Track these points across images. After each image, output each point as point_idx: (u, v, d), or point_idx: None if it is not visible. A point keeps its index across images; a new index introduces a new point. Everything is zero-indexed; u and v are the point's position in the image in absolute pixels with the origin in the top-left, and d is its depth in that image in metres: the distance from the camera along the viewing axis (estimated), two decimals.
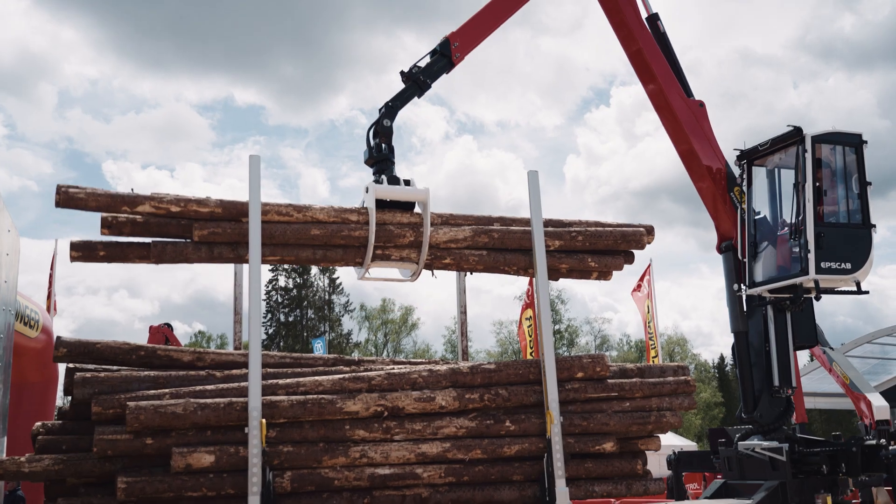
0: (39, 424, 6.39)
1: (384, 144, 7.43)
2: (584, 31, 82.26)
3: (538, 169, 7.33)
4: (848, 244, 9.08)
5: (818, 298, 9.21)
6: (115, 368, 6.49)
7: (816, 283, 8.95)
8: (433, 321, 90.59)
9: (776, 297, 9.42)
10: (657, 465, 9.72)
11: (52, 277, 17.82)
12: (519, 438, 6.65)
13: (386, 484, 6.31)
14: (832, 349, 15.58)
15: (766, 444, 8.99)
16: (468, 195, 75.26)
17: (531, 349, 20.53)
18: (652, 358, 21.52)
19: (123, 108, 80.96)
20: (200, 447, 5.86)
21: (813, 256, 8.85)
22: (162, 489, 5.77)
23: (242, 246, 6.45)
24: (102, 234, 6.32)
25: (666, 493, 10.08)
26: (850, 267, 9.04)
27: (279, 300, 59.49)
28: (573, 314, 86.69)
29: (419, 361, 7.46)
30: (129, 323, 69.92)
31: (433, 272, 7.26)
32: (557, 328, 58.07)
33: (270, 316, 58.60)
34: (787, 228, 9.43)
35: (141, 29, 75.53)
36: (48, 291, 17.50)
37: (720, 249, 9.99)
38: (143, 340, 13.75)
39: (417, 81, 7.90)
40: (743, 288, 9.58)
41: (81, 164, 79.41)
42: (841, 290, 9.35)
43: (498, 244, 7.21)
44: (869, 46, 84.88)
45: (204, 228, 6.38)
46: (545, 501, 6.54)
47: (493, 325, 60.75)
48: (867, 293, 9.25)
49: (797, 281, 9.03)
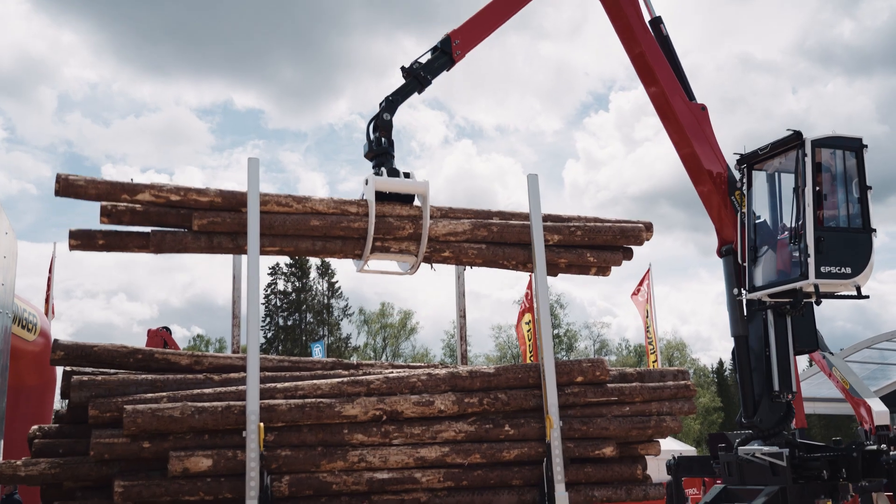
0: (36, 428, 6.36)
1: (384, 138, 7.42)
2: (583, 35, 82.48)
3: (537, 173, 7.33)
4: (848, 248, 9.06)
5: (818, 303, 9.19)
6: (112, 372, 6.46)
7: (816, 287, 8.92)
8: (432, 325, 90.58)
9: (776, 301, 9.39)
10: (656, 470, 9.68)
11: (50, 280, 17.80)
12: (518, 443, 6.62)
13: (384, 488, 6.28)
14: (832, 354, 15.60)
15: (766, 449, 8.96)
16: (467, 199, 75.35)
17: (530, 353, 20.50)
18: (651, 363, 21.49)
19: (123, 111, 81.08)
20: (198, 451, 5.83)
21: (813, 261, 8.82)
22: (159, 493, 5.74)
23: (242, 236, 6.41)
24: (102, 222, 6.25)
25: (666, 498, 10.05)
26: (850, 271, 9.01)
27: (278, 304, 59.45)
28: (572, 318, 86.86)
29: (418, 365, 7.43)
30: (127, 326, 69.85)
31: (432, 265, 7.24)
32: (556, 332, 58.00)
33: (269, 320, 58.55)
34: (787, 233, 9.41)
35: (141, 33, 75.70)
36: (46, 295, 17.47)
37: (720, 253, 9.97)
38: (141, 344, 13.72)
39: (418, 77, 7.88)
40: (743, 292, 9.56)
41: (81, 167, 79.31)
42: (841, 294, 9.32)
43: (497, 238, 7.20)
44: (868, 52, 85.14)
45: (203, 218, 6.35)
46: None
47: (492, 329, 60.84)
48: (867, 298, 9.22)
49: (797, 285, 9.00)
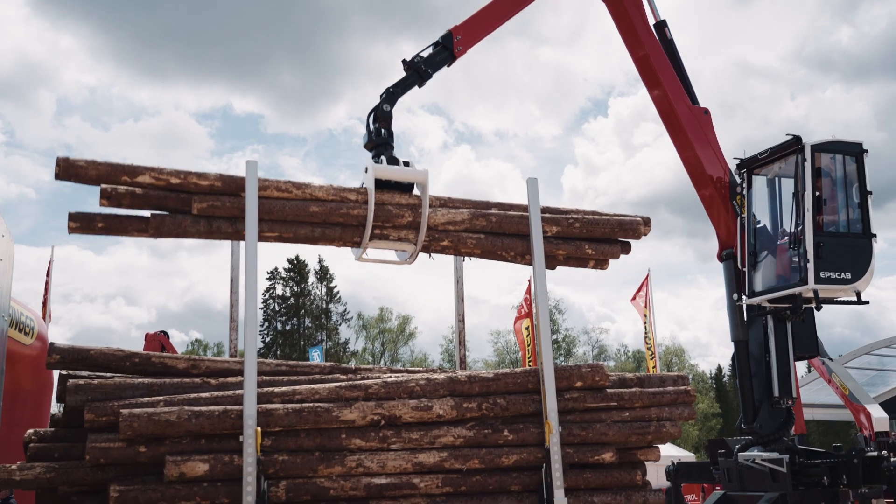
0: (31, 432, 6.32)
1: (383, 129, 7.45)
2: (582, 41, 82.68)
3: (537, 178, 7.31)
4: (848, 254, 9.05)
5: (819, 308, 9.17)
6: (108, 375, 6.41)
7: (815, 293, 8.91)
8: (430, 330, 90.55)
9: (776, 306, 9.37)
10: (655, 475, 9.63)
11: (48, 284, 17.76)
12: (517, 448, 6.58)
13: (382, 494, 6.24)
14: (831, 360, 15.56)
15: (766, 455, 8.94)
16: None
17: (529, 358, 20.49)
18: (651, 368, 21.44)
19: (122, 115, 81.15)
20: (194, 455, 5.78)
21: (812, 266, 8.81)
22: (155, 498, 5.69)
23: (241, 221, 6.38)
24: (101, 205, 6.21)
25: None
26: (849, 277, 9.00)
27: (276, 308, 59.41)
28: (571, 324, 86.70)
29: (417, 370, 7.40)
30: (125, 331, 69.79)
31: (431, 254, 7.24)
32: (555, 338, 57.95)
33: (267, 324, 58.51)
34: (786, 238, 9.40)
35: (140, 37, 75.84)
36: (44, 298, 17.44)
37: (721, 258, 9.96)
38: (139, 348, 13.66)
39: (419, 70, 7.92)
40: (743, 297, 9.54)
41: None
42: (841, 300, 9.31)
43: (496, 228, 7.18)
44: (866, 59, 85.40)
45: (203, 201, 6.33)
46: None
47: (490, 334, 60.67)
48: (867, 303, 9.21)
49: (796, 291, 8.99)
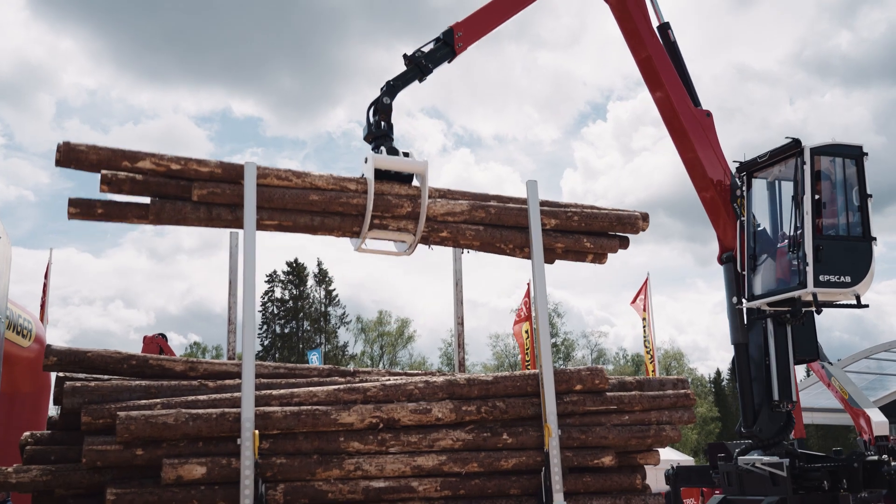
0: (28, 434, 6.29)
1: (383, 122, 7.49)
2: (581, 45, 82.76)
3: (536, 180, 7.30)
4: (847, 257, 9.03)
5: (819, 312, 9.14)
6: (105, 378, 6.39)
7: (815, 296, 8.89)
8: (429, 334, 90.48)
9: (775, 310, 9.35)
10: (654, 479, 9.60)
11: (46, 287, 17.72)
12: (516, 452, 6.56)
13: (381, 497, 6.21)
14: (831, 364, 15.56)
15: (766, 459, 8.91)
16: None
17: (528, 361, 20.46)
18: (650, 372, 21.42)
19: (121, 118, 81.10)
20: (192, 458, 5.75)
21: (811, 269, 8.79)
22: (152, 501, 5.66)
23: (241, 208, 6.38)
24: (101, 190, 6.21)
25: None
26: (849, 280, 8.98)
27: (275, 311, 59.34)
28: (569, 328, 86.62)
29: (415, 373, 7.37)
30: (124, 333, 69.66)
31: (430, 245, 7.25)
32: (554, 342, 57.89)
33: (266, 327, 58.44)
34: (786, 241, 9.38)
35: (139, 40, 75.84)
36: (41, 301, 17.40)
37: (721, 260, 9.94)
38: (137, 351, 13.61)
39: (419, 65, 7.97)
40: (743, 301, 9.51)
41: (78, 174, 78.85)
42: (840, 303, 9.28)
43: (495, 220, 7.19)
44: (865, 63, 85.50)
45: (203, 188, 6.33)
46: None
47: (489, 338, 60.60)
48: (867, 307, 9.18)
49: (795, 294, 8.96)
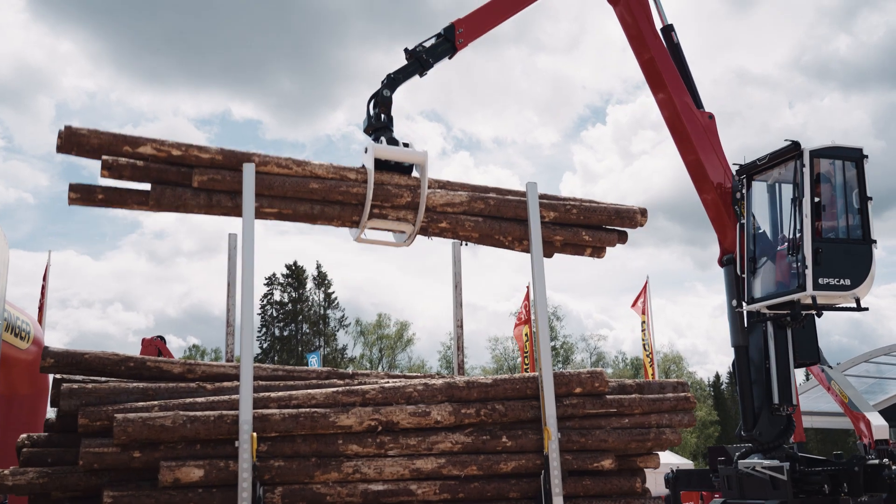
0: (24, 436, 6.26)
1: (383, 114, 7.52)
2: (580, 48, 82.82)
3: (535, 183, 7.28)
4: (847, 260, 9.00)
5: (819, 315, 9.12)
6: (103, 380, 6.36)
7: (814, 299, 8.86)
8: (428, 337, 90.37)
9: (775, 313, 9.33)
10: (654, 483, 9.58)
11: (44, 289, 17.69)
12: (516, 455, 6.53)
13: (379, 500, 6.18)
14: (830, 368, 15.52)
15: (766, 462, 8.88)
16: None
17: (527, 363, 20.44)
18: (650, 375, 21.40)
19: (121, 121, 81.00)
20: (189, 461, 5.73)
21: (810, 272, 8.77)
22: None
23: (241, 196, 6.39)
24: (102, 176, 6.20)
25: None
26: (849, 283, 8.95)
27: (274, 314, 59.30)
28: (569, 331, 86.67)
29: (414, 375, 7.35)
30: (123, 336, 69.52)
31: (429, 236, 7.25)
32: (553, 345, 57.85)
33: (265, 330, 58.38)
34: (786, 244, 9.36)
35: (139, 42, 75.83)
36: (40, 303, 17.38)
37: (722, 262, 9.92)
38: (136, 354, 13.58)
39: (420, 59, 8.00)
40: (743, 304, 9.49)
41: (78, 176, 78.97)
42: (840, 306, 9.26)
43: (494, 212, 7.21)
44: (864, 67, 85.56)
45: (204, 174, 6.33)
46: None
47: (488, 341, 60.66)
48: (866, 310, 9.15)
49: (794, 297, 8.94)
